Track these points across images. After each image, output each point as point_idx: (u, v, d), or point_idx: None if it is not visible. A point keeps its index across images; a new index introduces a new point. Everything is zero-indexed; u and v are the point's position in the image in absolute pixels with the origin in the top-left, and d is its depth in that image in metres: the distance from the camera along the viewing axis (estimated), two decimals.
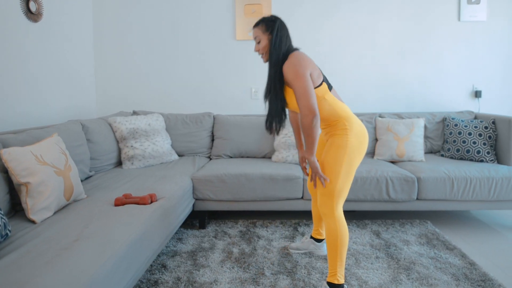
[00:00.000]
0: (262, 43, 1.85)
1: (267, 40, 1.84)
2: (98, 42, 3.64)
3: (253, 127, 3.23)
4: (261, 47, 1.86)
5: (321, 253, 2.27)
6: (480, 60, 3.59)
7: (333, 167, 1.77)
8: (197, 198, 2.67)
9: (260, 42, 1.86)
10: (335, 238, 1.79)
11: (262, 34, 1.85)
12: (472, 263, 2.13)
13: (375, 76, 3.62)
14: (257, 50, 1.88)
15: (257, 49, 1.88)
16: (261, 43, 1.86)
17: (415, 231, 2.62)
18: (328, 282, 1.83)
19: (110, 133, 2.85)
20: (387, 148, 3.07)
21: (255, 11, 3.56)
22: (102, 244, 1.48)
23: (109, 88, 3.69)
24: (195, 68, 3.67)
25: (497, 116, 3.00)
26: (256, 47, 1.88)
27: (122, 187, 2.28)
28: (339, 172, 1.76)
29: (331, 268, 1.82)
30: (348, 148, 1.77)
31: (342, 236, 1.79)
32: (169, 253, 2.31)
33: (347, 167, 1.77)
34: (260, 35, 1.86)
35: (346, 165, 1.77)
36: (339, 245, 1.79)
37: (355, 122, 1.82)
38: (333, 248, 1.80)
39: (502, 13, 3.53)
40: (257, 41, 1.87)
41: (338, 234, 1.78)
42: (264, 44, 1.85)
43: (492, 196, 2.63)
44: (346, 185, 1.79)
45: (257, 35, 1.86)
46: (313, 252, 2.28)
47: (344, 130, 1.79)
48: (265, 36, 1.84)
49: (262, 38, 1.85)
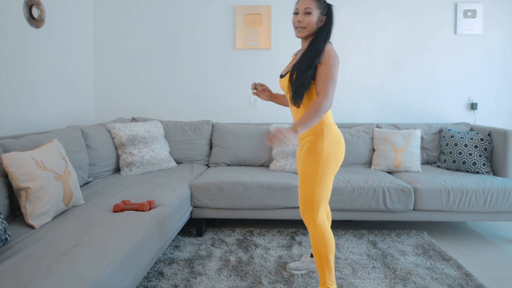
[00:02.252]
0: (311, 17, 1.75)
1: (317, 17, 1.76)
2: (98, 48, 3.67)
3: (251, 136, 3.25)
4: (309, 21, 1.75)
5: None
6: (476, 72, 3.65)
7: (309, 176, 1.77)
8: (194, 205, 2.67)
9: (311, 15, 1.74)
10: (319, 246, 1.78)
11: (315, 8, 1.75)
12: (468, 274, 2.14)
13: (372, 87, 3.66)
14: (300, 21, 1.76)
15: (302, 19, 1.75)
16: (311, 16, 1.74)
17: (411, 242, 2.63)
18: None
19: (109, 139, 2.85)
20: (384, 159, 3.10)
21: (255, 21, 3.61)
22: (101, 250, 1.48)
23: (109, 94, 3.71)
24: (195, 76, 3.70)
25: (493, 128, 3.05)
26: (301, 17, 1.75)
27: (121, 194, 2.28)
28: (315, 181, 1.76)
29: (320, 276, 1.82)
30: (323, 155, 1.76)
31: (326, 242, 1.78)
32: (166, 261, 2.30)
33: (322, 175, 1.77)
34: (313, 7, 1.75)
35: (321, 173, 1.77)
36: (325, 252, 1.78)
37: (332, 130, 1.81)
38: (319, 256, 1.79)
39: (497, 27, 3.60)
40: (307, 11, 1.74)
41: (321, 242, 1.78)
42: (313, 20, 1.75)
43: (488, 208, 2.65)
44: (325, 192, 1.79)
45: (309, 6, 1.74)
46: (315, 271, 2.20)
47: (321, 136, 1.78)
48: (317, 12, 1.76)
49: (313, 12, 1.75)
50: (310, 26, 1.77)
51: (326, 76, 1.72)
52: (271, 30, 3.62)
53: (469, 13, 3.58)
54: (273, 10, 3.61)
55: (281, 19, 3.63)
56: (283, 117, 3.65)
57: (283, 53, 3.62)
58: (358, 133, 3.27)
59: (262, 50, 3.66)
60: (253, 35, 3.62)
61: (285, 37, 3.62)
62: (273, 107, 3.66)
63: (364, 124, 3.41)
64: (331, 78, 1.72)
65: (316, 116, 1.67)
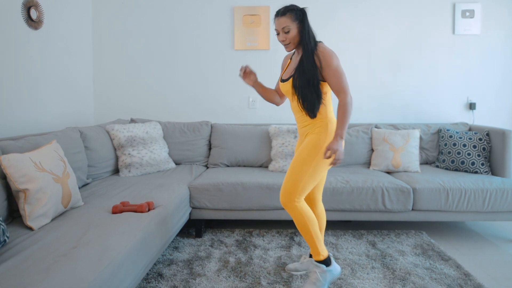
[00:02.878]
0: (292, 33, 1.85)
1: (296, 29, 1.85)
2: (97, 49, 3.67)
3: (250, 136, 3.26)
4: (291, 37, 1.86)
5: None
6: (475, 72, 3.65)
7: (302, 165, 1.85)
8: (193, 206, 2.67)
9: (290, 32, 1.85)
10: (304, 223, 1.87)
11: (291, 23, 1.85)
12: (467, 274, 2.15)
13: (371, 87, 3.67)
14: (283, 40, 1.87)
15: (284, 38, 1.86)
16: (290, 32, 1.85)
17: (410, 242, 2.63)
18: (316, 260, 1.94)
19: (108, 140, 2.85)
20: (383, 159, 3.10)
21: (253, 21, 3.61)
22: (100, 251, 1.48)
23: (108, 95, 3.71)
24: (194, 76, 3.70)
25: (491, 128, 3.05)
26: (283, 36, 1.86)
27: (119, 195, 2.28)
28: (306, 170, 1.84)
29: (312, 249, 1.93)
30: (322, 149, 1.85)
31: (309, 218, 1.87)
32: (166, 262, 2.30)
33: (316, 167, 1.85)
34: (289, 24, 1.84)
35: (316, 165, 1.85)
36: (309, 226, 1.88)
37: (334, 125, 1.91)
38: (306, 232, 1.89)
39: (495, 27, 3.61)
40: (285, 30, 1.85)
41: (304, 219, 1.87)
42: (294, 34, 1.86)
43: (487, 208, 2.65)
44: (310, 183, 1.87)
45: (287, 24, 1.84)
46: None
47: (325, 130, 1.88)
48: (294, 25, 1.85)
49: (291, 28, 1.85)
50: (293, 40, 1.88)
51: (335, 76, 1.83)
52: (269, 30, 3.62)
53: (467, 13, 3.59)
54: (272, 10, 3.61)
55: None
56: (280, 117, 3.65)
57: (281, 53, 3.63)
58: (357, 133, 3.27)
59: (261, 51, 3.66)
60: (252, 35, 3.63)
61: None
62: (271, 107, 3.66)
63: (363, 124, 3.41)
64: (341, 76, 1.83)
65: (349, 115, 1.82)
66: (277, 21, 1.87)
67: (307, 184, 1.86)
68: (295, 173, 1.86)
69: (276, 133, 3.16)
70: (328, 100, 1.93)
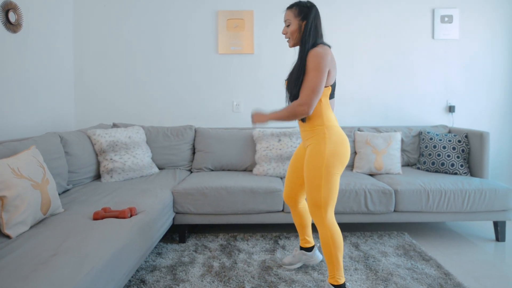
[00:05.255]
0: (291, 27, 1.85)
1: (297, 25, 1.85)
2: (78, 53, 3.62)
3: (234, 140, 3.26)
4: (289, 31, 1.86)
5: (315, 262, 2.26)
6: (454, 76, 3.74)
7: (313, 179, 1.82)
8: (177, 211, 2.65)
9: (290, 26, 1.85)
10: (329, 245, 1.85)
11: (293, 18, 1.85)
12: (447, 273, 2.19)
13: (354, 91, 3.71)
14: (284, 33, 1.89)
15: (285, 32, 1.88)
16: (290, 26, 1.85)
17: (392, 243, 2.67)
18: (330, 283, 1.90)
19: (89, 145, 2.81)
20: (365, 161, 3.14)
21: (237, 25, 3.62)
22: (80, 258, 1.46)
23: (89, 100, 3.65)
24: (177, 81, 3.68)
25: (470, 130, 3.13)
26: (285, 29, 1.88)
27: (101, 201, 2.25)
28: (319, 183, 1.81)
29: (330, 271, 1.89)
30: (325, 156, 1.80)
31: (335, 242, 1.84)
32: (148, 268, 2.27)
33: (327, 177, 1.81)
34: (291, 18, 1.85)
35: (326, 175, 1.80)
36: (334, 250, 1.85)
37: (335, 132, 1.85)
38: (328, 254, 1.86)
39: (473, 31, 3.71)
40: (286, 24, 1.87)
41: (331, 241, 1.84)
42: (293, 29, 1.85)
43: (466, 208, 2.71)
44: (331, 193, 1.82)
45: (288, 18, 1.86)
46: (307, 263, 2.26)
47: (323, 138, 1.83)
48: (295, 20, 1.85)
49: (292, 22, 1.85)
50: (292, 35, 1.87)
51: (308, 83, 1.78)
52: (253, 34, 3.64)
53: (446, 19, 3.68)
54: (256, 15, 3.64)
55: (263, 24, 3.65)
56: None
57: (265, 57, 3.65)
58: None
59: (245, 55, 3.67)
60: (236, 39, 3.64)
61: (268, 42, 3.65)
62: None
63: (346, 127, 3.45)
64: (311, 86, 1.76)
65: (287, 118, 1.83)
66: (284, 13, 1.89)
67: (327, 194, 1.81)
68: (312, 190, 1.84)
69: (260, 137, 3.17)
70: (324, 107, 1.87)
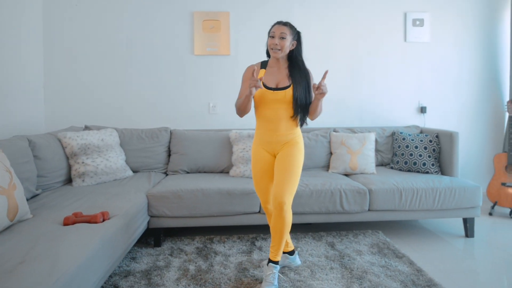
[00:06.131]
0: (286, 42, 2.04)
1: (289, 42, 2.06)
2: (48, 54, 3.50)
3: (210, 142, 3.23)
4: (284, 44, 2.04)
5: (296, 265, 2.32)
6: (425, 78, 3.85)
7: (295, 174, 2.04)
8: (152, 215, 2.61)
9: (285, 40, 2.04)
10: (287, 229, 2.01)
11: (289, 34, 2.05)
12: (419, 270, 2.24)
13: (330, 92, 3.74)
14: (276, 44, 2.03)
15: (278, 43, 2.03)
16: (285, 40, 2.04)
17: (367, 241, 2.72)
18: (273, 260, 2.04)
19: (60, 149, 2.73)
20: (341, 162, 3.19)
21: (213, 27, 3.61)
22: (49, 265, 1.41)
23: (60, 102, 3.54)
24: (152, 82, 3.63)
25: (440, 130, 3.23)
26: (279, 41, 2.03)
27: (72, 205, 2.18)
28: (297, 178, 2.05)
29: (277, 250, 2.03)
30: (303, 153, 2.14)
31: (290, 225, 2.03)
32: (122, 273, 2.22)
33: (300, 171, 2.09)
34: (288, 34, 2.04)
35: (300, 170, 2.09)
36: (287, 233, 2.04)
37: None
38: (285, 236, 2.02)
39: (443, 35, 3.84)
40: (282, 36, 2.03)
41: (288, 225, 2.01)
42: (287, 44, 2.06)
43: (437, 206, 2.79)
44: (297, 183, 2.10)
45: (286, 32, 2.03)
46: (289, 266, 2.31)
47: (300, 138, 2.15)
48: (290, 37, 2.06)
49: (288, 39, 2.05)
50: (284, 49, 2.06)
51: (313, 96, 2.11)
52: (229, 36, 3.63)
53: (418, 22, 3.79)
54: (232, 16, 3.63)
55: (240, 25, 3.65)
56: (243, 123, 3.63)
57: (242, 59, 3.64)
58: (316, 137, 3.34)
59: (221, 56, 3.66)
60: (212, 41, 3.62)
61: (244, 43, 3.65)
62: (232, 113, 3.65)
63: (322, 128, 3.49)
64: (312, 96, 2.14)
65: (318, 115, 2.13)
66: (278, 27, 2.05)
67: (296, 186, 2.05)
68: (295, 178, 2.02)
69: (237, 138, 3.16)
70: None
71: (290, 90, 2.06)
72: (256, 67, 2.11)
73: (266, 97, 2.08)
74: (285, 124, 2.09)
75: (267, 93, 2.07)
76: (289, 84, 2.08)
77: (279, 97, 2.06)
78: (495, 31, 3.89)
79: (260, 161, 2.15)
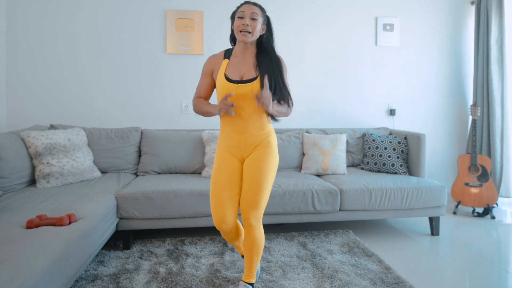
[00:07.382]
0: (257, 24, 1.78)
1: (260, 25, 1.81)
2: (11, 49, 3.34)
3: (182, 142, 3.19)
4: (255, 27, 1.77)
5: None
6: (394, 81, 3.97)
7: (266, 182, 1.81)
8: (121, 217, 2.54)
9: (256, 21, 1.77)
10: (261, 246, 1.89)
11: (260, 16, 1.80)
12: (387, 268, 2.30)
13: (303, 93, 3.80)
14: (247, 25, 1.75)
15: (249, 24, 1.76)
16: (257, 22, 1.77)
17: (338, 241, 2.76)
18: (248, 282, 1.94)
19: (23, 148, 2.60)
20: (313, 162, 3.22)
21: (186, 25, 3.56)
22: (10, 271, 1.33)
23: (23, 99, 3.38)
24: (123, 80, 3.53)
25: (409, 132, 3.33)
26: (250, 21, 1.76)
27: (36, 208, 2.09)
28: (269, 186, 1.84)
29: (251, 271, 1.93)
30: (277, 159, 1.90)
31: (263, 242, 1.90)
32: (89, 278, 2.15)
33: (273, 179, 1.89)
34: (259, 15, 1.79)
35: (274, 177, 1.88)
36: (261, 251, 1.92)
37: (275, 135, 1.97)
38: (259, 255, 1.91)
39: (412, 40, 3.97)
40: (253, 17, 1.76)
41: (262, 242, 1.88)
42: (258, 27, 1.79)
43: (405, 205, 2.88)
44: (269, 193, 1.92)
45: (257, 12, 1.78)
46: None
47: (275, 141, 1.91)
48: (261, 20, 1.81)
49: (259, 20, 1.79)
50: (255, 32, 1.78)
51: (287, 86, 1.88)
52: (203, 35, 3.60)
53: (388, 27, 3.90)
54: (206, 15, 3.60)
55: (214, 24, 3.62)
56: (215, 124, 3.62)
57: None
58: (289, 138, 3.36)
59: (195, 55, 3.62)
60: (185, 40, 3.57)
61: (218, 43, 3.62)
62: None
63: (295, 129, 3.52)
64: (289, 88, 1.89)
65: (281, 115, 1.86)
66: (248, 6, 1.79)
67: (268, 197, 1.87)
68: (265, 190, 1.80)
69: (210, 139, 3.13)
70: None
71: (257, 83, 1.76)
72: (219, 56, 1.91)
73: (236, 91, 1.76)
74: (254, 124, 1.82)
75: (231, 87, 1.77)
76: (256, 76, 1.79)
77: (245, 91, 1.76)
78: (460, 38, 4.06)
79: (226, 168, 1.84)
